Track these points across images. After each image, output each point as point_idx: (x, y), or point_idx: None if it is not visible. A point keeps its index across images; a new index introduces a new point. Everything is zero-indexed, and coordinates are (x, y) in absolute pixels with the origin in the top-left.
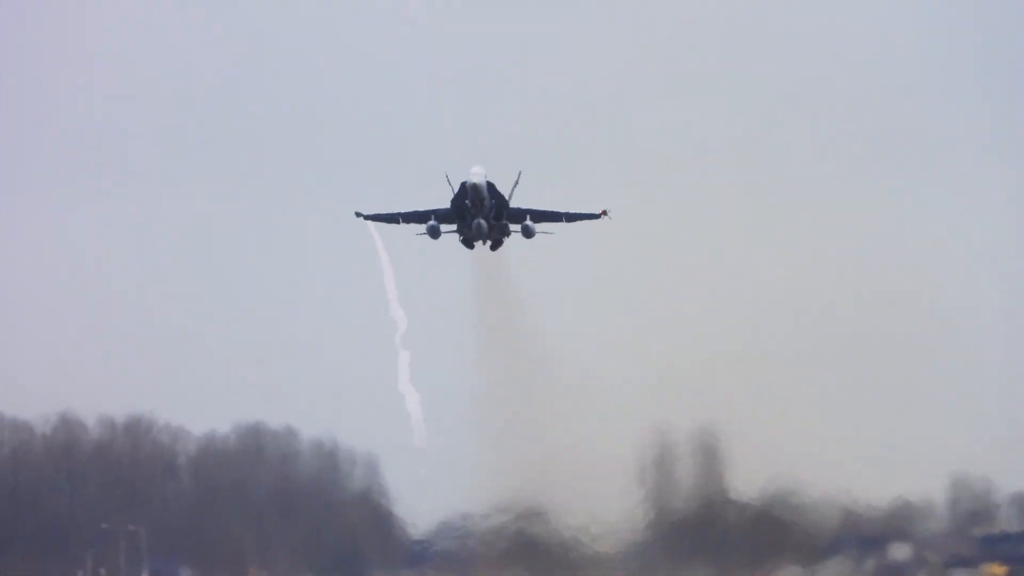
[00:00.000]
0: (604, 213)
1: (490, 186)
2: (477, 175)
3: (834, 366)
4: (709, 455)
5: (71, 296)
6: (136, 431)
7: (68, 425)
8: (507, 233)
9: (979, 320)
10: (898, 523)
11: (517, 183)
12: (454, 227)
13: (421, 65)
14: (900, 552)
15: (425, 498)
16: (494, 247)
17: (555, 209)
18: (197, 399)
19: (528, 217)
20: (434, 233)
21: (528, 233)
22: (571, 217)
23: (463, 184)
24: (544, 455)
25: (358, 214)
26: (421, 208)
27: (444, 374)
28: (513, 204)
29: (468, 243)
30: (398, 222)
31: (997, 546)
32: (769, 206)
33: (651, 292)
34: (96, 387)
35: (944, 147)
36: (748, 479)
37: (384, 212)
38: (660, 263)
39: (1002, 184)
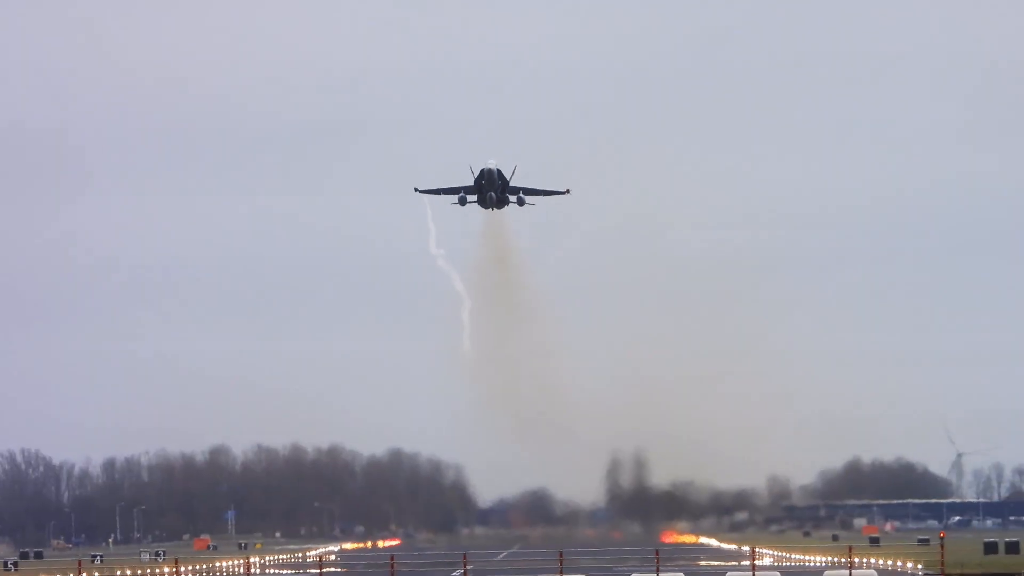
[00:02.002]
0: (567, 191)
1: (498, 172)
2: (491, 164)
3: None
4: (641, 461)
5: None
6: (335, 453)
7: (298, 452)
8: (507, 202)
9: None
10: (740, 499)
11: (514, 171)
12: (475, 198)
13: (458, 90)
14: (740, 516)
15: (484, 486)
16: (499, 208)
17: (537, 187)
18: (361, 432)
19: (520, 192)
20: (463, 202)
21: (520, 202)
22: (547, 192)
23: (481, 170)
24: (544, 458)
25: (416, 189)
26: (454, 186)
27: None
28: (512, 184)
29: (483, 207)
30: (440, 194)
31: (794, 512)
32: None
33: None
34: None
35: None
36: (661, 474)
37: (432, 188)
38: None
39: None
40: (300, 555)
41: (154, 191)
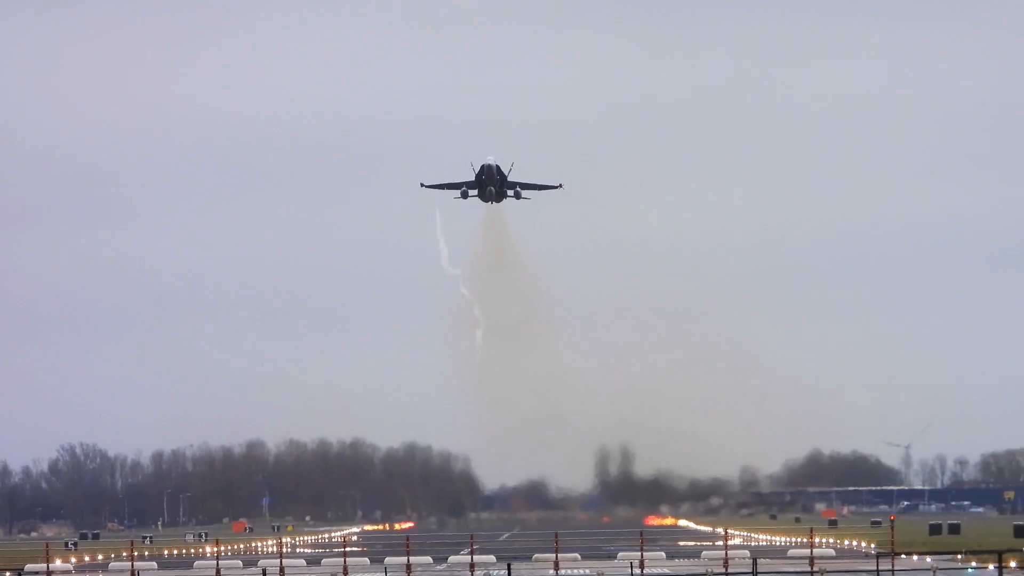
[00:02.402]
0: (560, 185)
1: (497, 168)
2: (490, 160)
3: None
4: (627, 454)
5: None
6: (357, 447)
7: (325, 445)
8: (506, 196)
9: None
10: (714, 487)
11: (511, 167)
12: (476, 192)
13: (465, 97)
14: (714, 501)
15: (488, 475)
16: (498, 202)
17: (532, 182)
18: (380, 427)
19: (517, 187)
20: (465, 195)
21: (517, 196)
22: (541, 187)
23: (482, 166)
24: (542, 450)
25: (423, 184)
26: (457, 181)
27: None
28: (510, 179)
29: (484, 200)
30: (444, 189)
31: (762, 498)
32: None
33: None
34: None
35: None
36: (645, 465)
37: (437, 183)
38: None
39: None
40: (326, 536)
41: (194, 216)
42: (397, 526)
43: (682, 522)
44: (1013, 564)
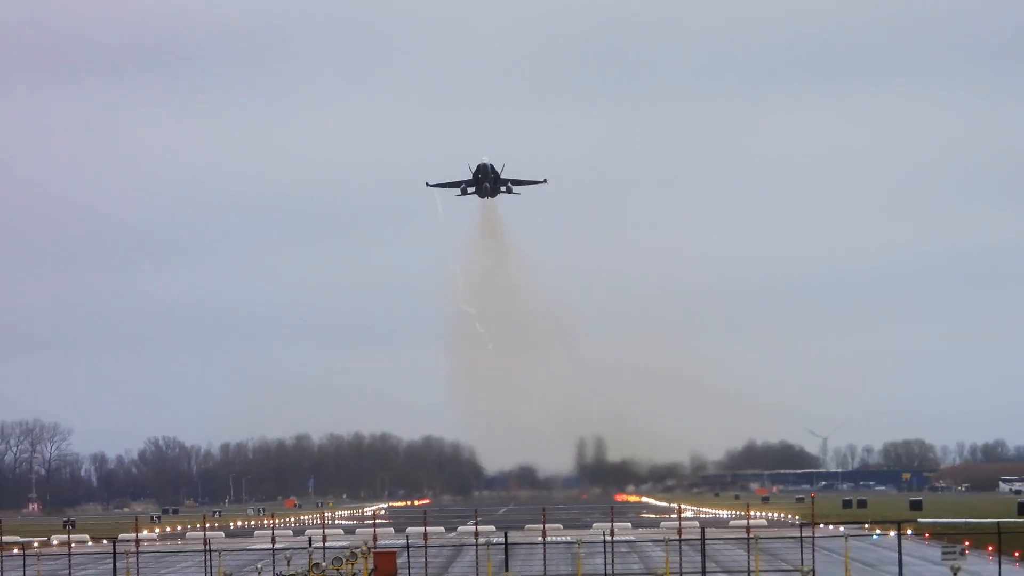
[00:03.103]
0: (545, 180)
1: (491, 167)
2: (485, 160)
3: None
4: (600, 444)
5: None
6: (385, 439)
7: (359, 438)
8: (499, 191)
9: None
10: (670, 470)
11: (503, 167)
12: (473, 189)
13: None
14: (670, 482)
15: (489, 462)
16: (492, 197)
17: (521, 178)
18: (403, 424)
19: (509, 183)
20: (464, 192)
21: (509, 191)
22: (529, 182)
23: (479, 165)
24: (531, 441)
25: (428, 184)
26: (456, 180)
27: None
28: (503, 176)
29: (480, 196)
30: (446, 187)
31: (708, 480)
32: None
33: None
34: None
35: None
36: (615, 453)
37: (440, 182)
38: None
39: None
40: (360, 511)
41: (254, 256)
42: (416, 502)
43: (644, 499)
44: (909, 532)
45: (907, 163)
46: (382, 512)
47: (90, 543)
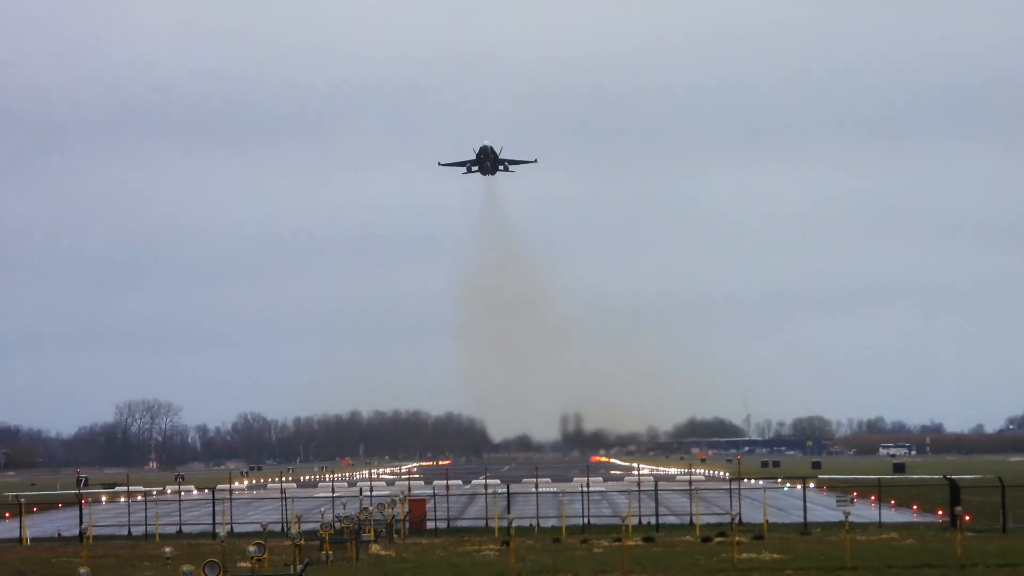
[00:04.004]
0: (535, 160)
1: (492, 149)
2: (487, 143)
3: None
4: (579, 417)
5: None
6: (417, 414)
7: (397, 413)
8: (498, 170)
9: None
10: (632, 438)
11: (502, 149)
12: (477, 168)
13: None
14: (632, 447)
15: (495, 431)
16: (492, 175)
17: (517, 158)
18: (431, 402)
19: (506, 162)
20: (469, 170)
21: (507, 169)
22: (523, 162)
23: (482, 147)
24: (527, 415)
25: (439, 163)
26: (463, 159)
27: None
28: (501, 157)
29: (483, 174)
30: (454, 166)
31: (661, 446)
32: None
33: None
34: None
35: None
36: (590, 424)
37: (449, 161)
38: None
39: None
40: (398, 468)
41: (316, 276)
42: (440, 462)
43: (612, 460)
44: (811, 485)
45: (813, 207)
46: (414, 470)
47: (195, 492)
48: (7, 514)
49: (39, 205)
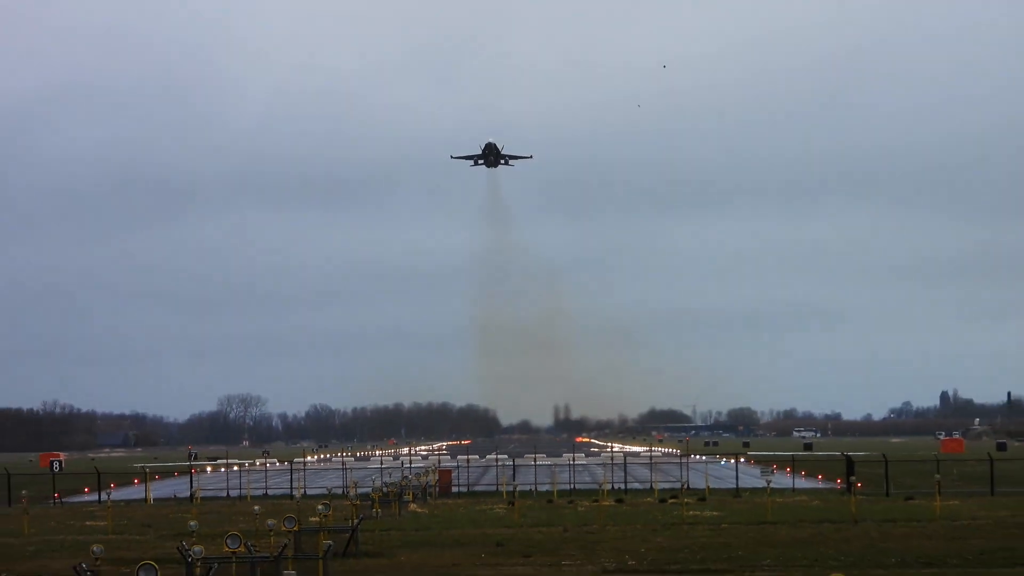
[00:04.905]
0: (531, 156)
1: (495, 145)
2: (491, 140)
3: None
4: (568, 407)
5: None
6: (445, 406)
7: (431, 405)
8: (499, 164)
9: None
10: (606, 424)
11: (503, 145)
12: (482, 161)
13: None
14: (607, 431)
15: (504, 418)
16: (495, 167)
17: (516, 154)
18: (456, 396)
19: (507, 157)
20: (475, 163)
21: (507, 163)
22: (521, 157)
23: (487, 143)
24: (527, 405)
25: (451, 156)
26: (470, 153)
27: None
28: (503, 152)
29: (487, 167)
30: (463, 159)
31: (629, 430)
32: None
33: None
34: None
35: None
36: (576, 413)
37: (459, 155)
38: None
39: None
40: (431, 446)
41: (375, 303)
42: (463, 442)
43: (592, 440)
44: (742, 460)
45: (742, 249)
46: (443, 447)
47: (277, 464)
48: (135, 480)
49: (165, 250)
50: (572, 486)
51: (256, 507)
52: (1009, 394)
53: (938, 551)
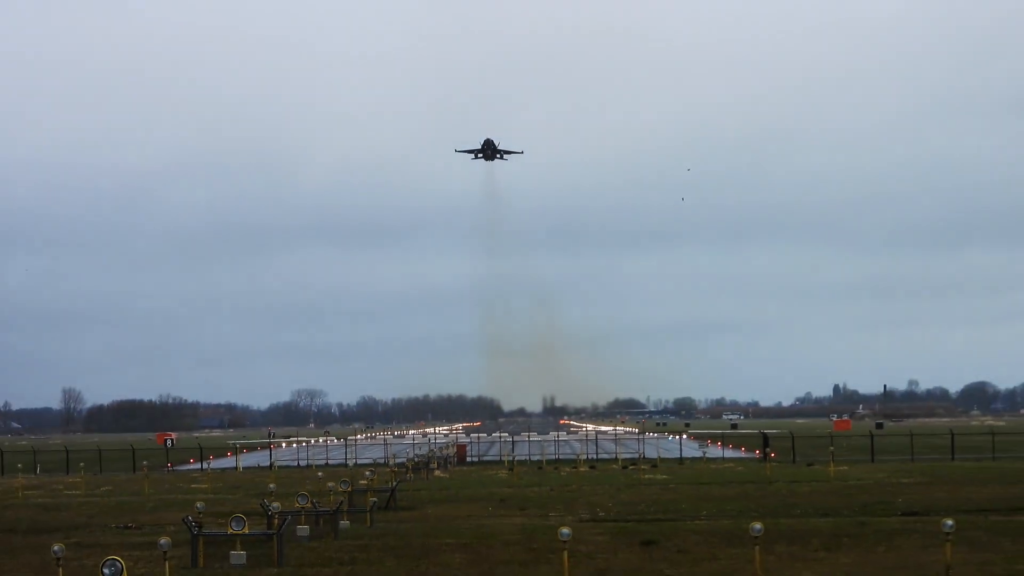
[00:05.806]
0: (522, 151)
1: (493, 141)
2: (490, 137)
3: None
4: (554, 397)
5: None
6: (461, 397)
7: (450, 396)
8: (496, 158)
9: None
10: (583, 410)
11: (499, 141)
12: (482, 155)
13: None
14: (583, 415)
15: (505, 405)
16: (492, 161)
17: (510, 149)
18: (469, 388)
19: (503, 152)
20: (476, 157)
21: (502, 158)
22: (514, 152)
23: (486, 140)
24: (522, 396)
25: (456, 150)
26: (471, 147)
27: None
28: (500, 147)
29: (486, 160)
30: (465, 153)
31: (602, 415)
32: None
33: None
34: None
35: None
36: (561, 401)
37: (462, 148)
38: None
39: None
40: (451, 428)
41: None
42: (475, 424)
43: (572, 422)
44: (685, 436)
45: (687, 278)
46: (460, 428)
47: (335, 440)
48: (228, 453)
49: (253, 279)
50: (557, 456)
51: (319, 473)
52: (885, 386)
53: (832, 504)
